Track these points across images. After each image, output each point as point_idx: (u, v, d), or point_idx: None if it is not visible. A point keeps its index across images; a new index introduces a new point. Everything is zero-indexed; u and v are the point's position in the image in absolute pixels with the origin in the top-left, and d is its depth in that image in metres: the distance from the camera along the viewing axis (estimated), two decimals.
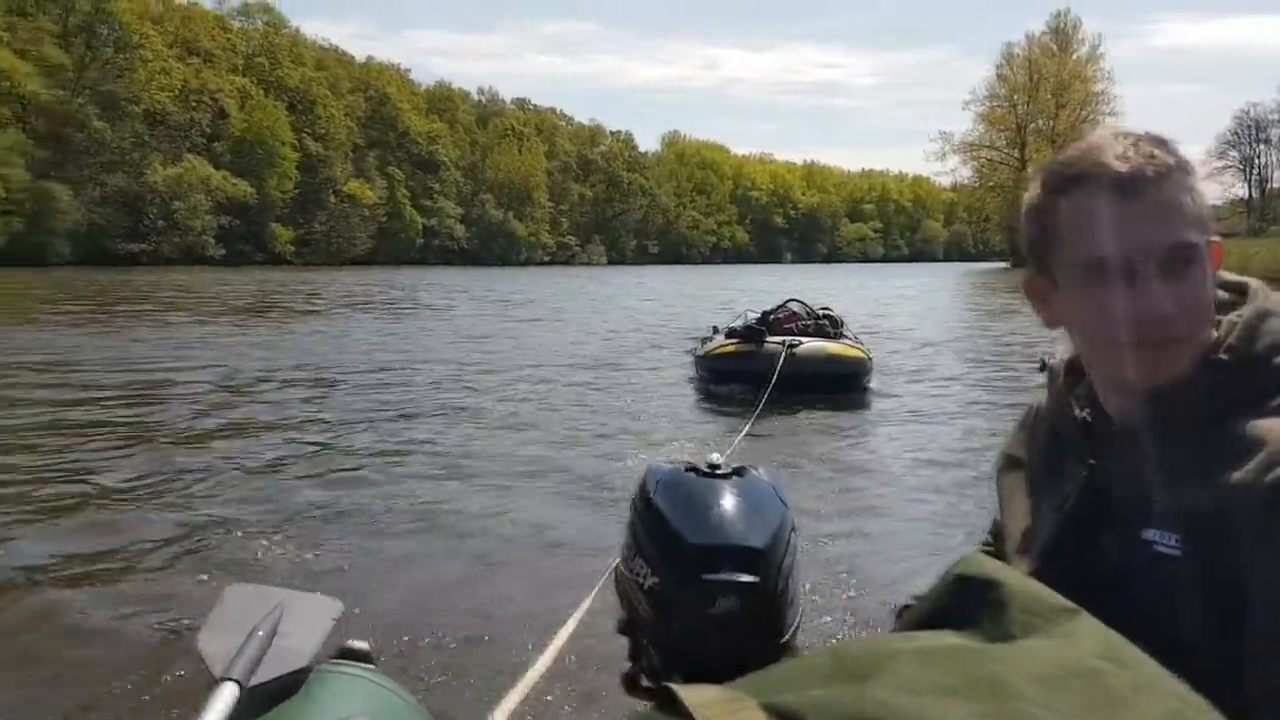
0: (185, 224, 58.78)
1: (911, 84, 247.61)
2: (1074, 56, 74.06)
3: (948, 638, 0.63)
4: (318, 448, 6.96)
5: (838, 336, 10.21)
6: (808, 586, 3.54)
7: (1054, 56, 73.29)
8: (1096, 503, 1.03)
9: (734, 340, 9.79)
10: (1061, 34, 75.11)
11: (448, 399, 9.51)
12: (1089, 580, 0.89)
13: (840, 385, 9.41)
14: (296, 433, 7.48)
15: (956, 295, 36.42)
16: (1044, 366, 1.16)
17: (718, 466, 1.56)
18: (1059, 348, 1.15)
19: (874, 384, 10.05)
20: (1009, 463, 1.20)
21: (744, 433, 6.74)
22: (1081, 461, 1.06)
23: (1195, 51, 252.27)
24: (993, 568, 0.70)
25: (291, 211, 67.46)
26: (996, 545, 1.25)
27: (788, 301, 10.72)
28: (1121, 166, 0.97)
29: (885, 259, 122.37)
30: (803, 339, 9.60)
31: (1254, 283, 1.05)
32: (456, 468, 6.36)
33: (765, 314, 10.35)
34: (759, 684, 0.59)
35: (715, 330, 10.85)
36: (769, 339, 9.54)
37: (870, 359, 9.99)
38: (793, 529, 1.51)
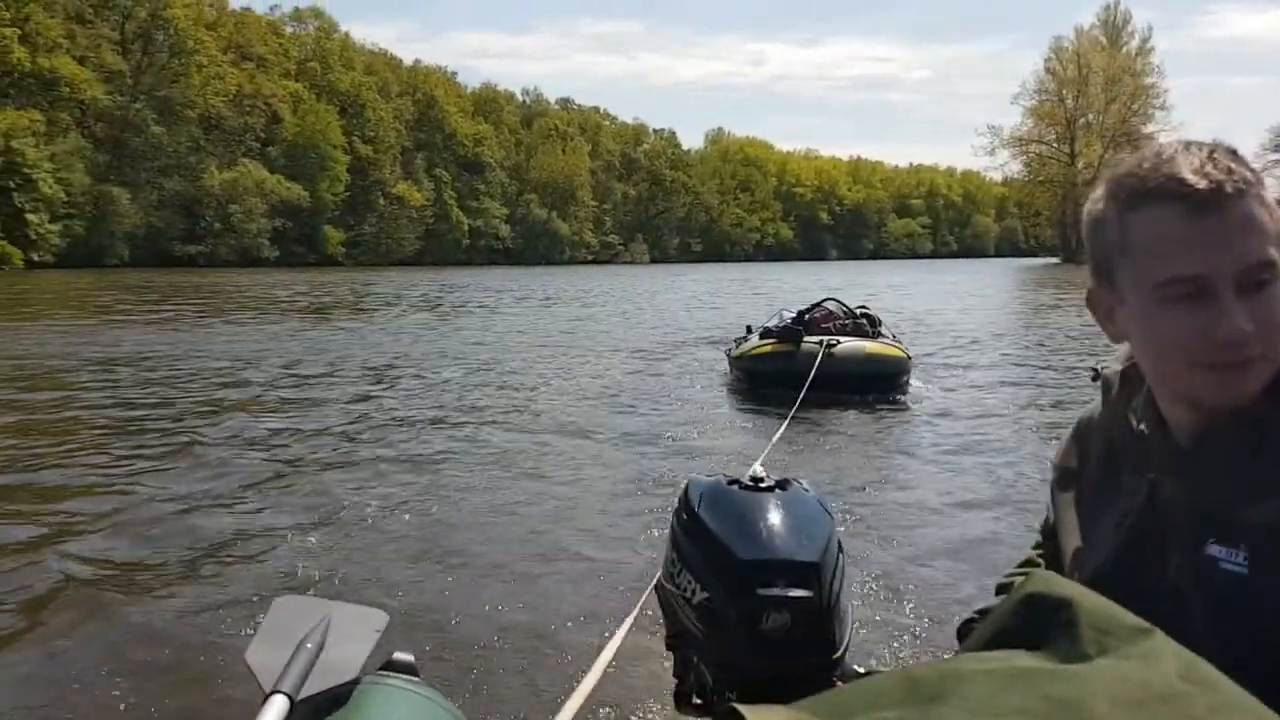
0: (241, 227, 60.14)
1: (964, 77, 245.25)
2: (1124, 50, 73.00)
3: (1020, 659, 0.61)
4: (351, 449, 7.09)
5: (876, 336, 10.02)
6: (857, 602, 3.53)
7: (1103, 50, 72.29)
8: (1158, 518, 1.01)
9: (770, 340, 9.65)
10: (1111, 27, 74.12)
11: (490, 399, 9.64)
12: (1150, 597, 0.86)
13: (880, 385, 9.27)
14: (332, 438, 7.59)
15: (1002, 291, 36.02)
16: (1097, 376, 1.14)
17: (761, 479, 1.55)
18: (1112, 358, 1.14)
19: (915, 384, 9.89)
20: (1063, 475, 1.19)
21: (778, 435, 6.57)
22: (1141, 475, 1.04)
23: (1251, 42, 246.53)
24: (1062, 585, 0.68)
25: (342, 214, 68.67)
26: (1047, 548, 1.25)
27: (824, 300, 10.56)
28: (1199, 183, 0.94)
29: (934, 255, 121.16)
30: (841, 338, 9.42)
31: None
32: (497, 470, 6.38)
33: (801, 313, 10.18)
34: (828, 705, 0.57)
35: (750, 330, 10.72)
36: (806, 339, 9.36)
37: (910, 358, 9.83)
38: (840, 544, 1.50)
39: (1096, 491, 1.10)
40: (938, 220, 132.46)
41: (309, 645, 1.17)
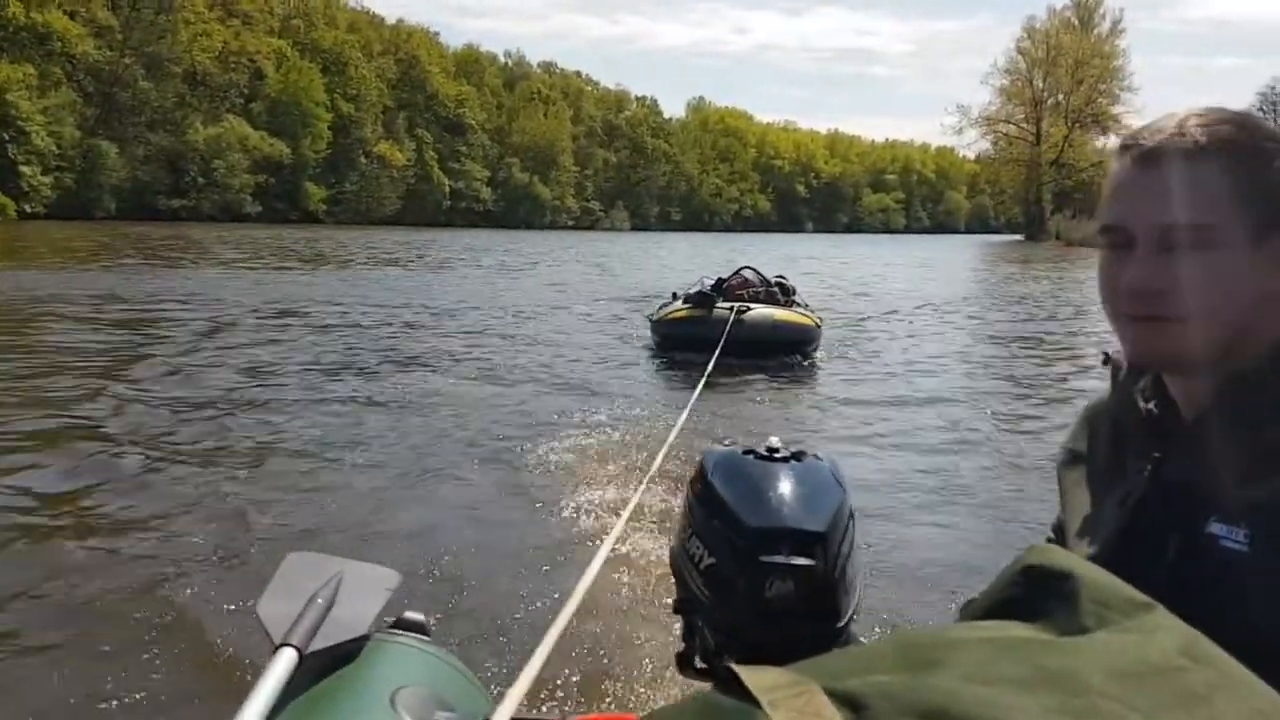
0: (224, 182, 61.31)
1: (950, 52, 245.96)
2: (1095, 32, 74.88)
3: (1016, 629, 0.61)
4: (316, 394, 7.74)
5: (788, 304, 10.61)
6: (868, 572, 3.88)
7: (1074, 31, 74.16)
8: (1160, 497, 1.00)
9: (687, 305, 10.17)
10: (1083, 9, 75.87)
11: (463, 352, 10.35)
12: (1152, 576, 0.84)
13: (786, 350, 9.82)
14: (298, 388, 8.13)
15: (955, 264, 37.62)
16: (1107, 359, 1.12)
17: (776, 450, 1.57)
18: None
19: (822, 351, 10.53)
20: (1071, 457, 1.18)
21: (694, 396, 6.65)
22: (1145, 456, 1.03)
23: (1232, 23, 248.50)
24: (1063, 558, 0.67)
25: (324, 171, 69.80)
26: (1059, 541, 1.21)
27: (742, 269, 11.23)
28: (1150, 139, 0.96)
29: (907, 230, 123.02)
30: (752, 305, 9.93)
31: None
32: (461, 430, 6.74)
33: (720, 280, 10.76)
34: (822, 668, 0.57)
35: (675, 296, 11.16)
36: (720, 305, 9.86)
37: (819, 325, 10.38)
38: (851, 515, 1.52)
39: (1103, 474, 1.10)
40: (911, 195, 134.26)
41: (319, 600, 1.18)
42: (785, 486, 1.49)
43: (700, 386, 6.81)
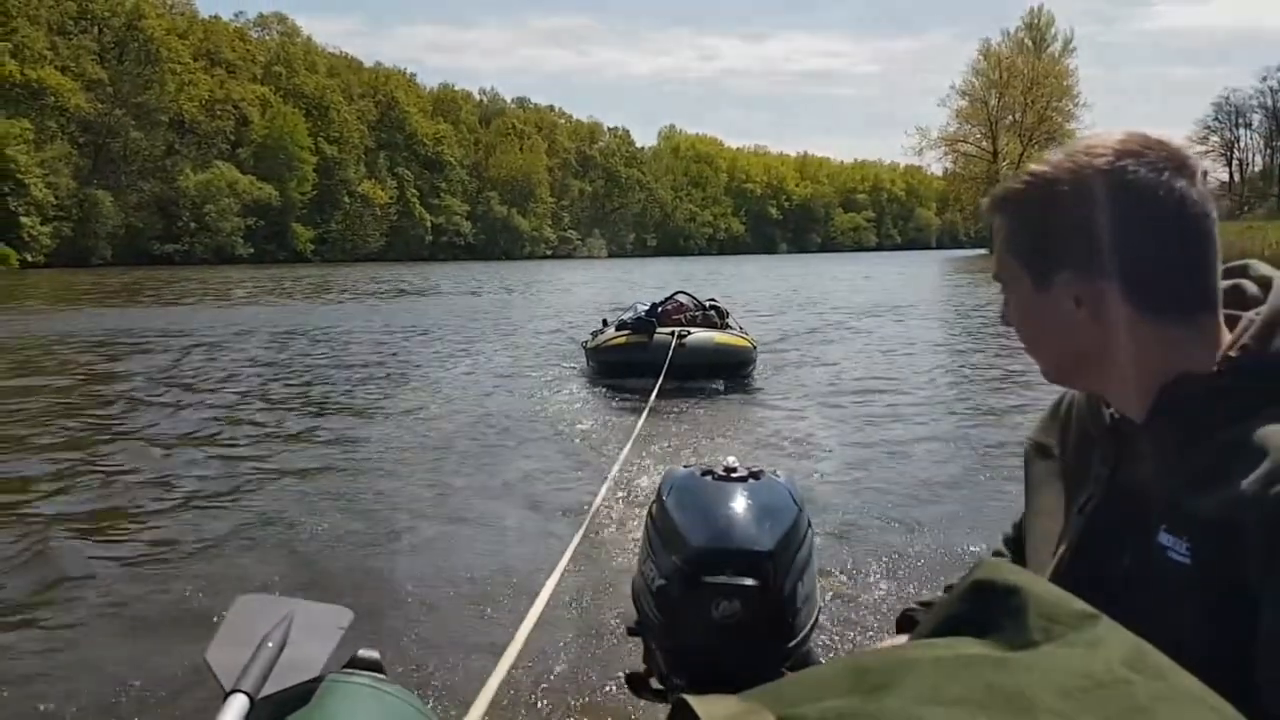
0: (215, 225, 63.64)
1: (913, 71, 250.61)
2: (1047, 52, 78.30)
3: (966, 646, 0.61)
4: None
5: (724, 327, 10.53)
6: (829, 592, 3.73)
7: (1026, 53, 77.53)
8: (1117, 504, 1.02)
9: (624, 332, 9.93)
10: (1035, 30, 79.37)
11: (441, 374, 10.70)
12: (1106, 584, 0.90)
13: (727, 372, 9.77)
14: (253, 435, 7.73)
15: (913, 279, 38.91)
16: None
17: (734, 469, 1.56)
18: None
19: (760, 370, 10.49)
20: (1038, 450, 1.19)
21: (641, 421, 6.60)
22: (1105, 463, 1.05)
23: (1191, 34, 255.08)
24: (1011, 572, 0.67)
25: (310, 212, 72.13)
26: (1019, 536, 1.27)
27: (676, 293, 11.06)
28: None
29: (879, 248, 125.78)
30: (691, 329, 9.83)
31: (1277, 277, 1.02)
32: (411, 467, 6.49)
33: (654, 305, 10.60)
34: (775, 694, 0.57)
35: (605, 323, 10.98)
36: (659, 330, 9.70)
37: (755, 347, 10.35)
38: (808, 532, 1.51)
39: (1071, 473, 1.11)
40: (882, 214, 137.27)
41: (270, 643, 1.16)
42: (737, 506, 1.49)
43: (646, 412, 6.86)
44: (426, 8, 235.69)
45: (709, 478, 1.57)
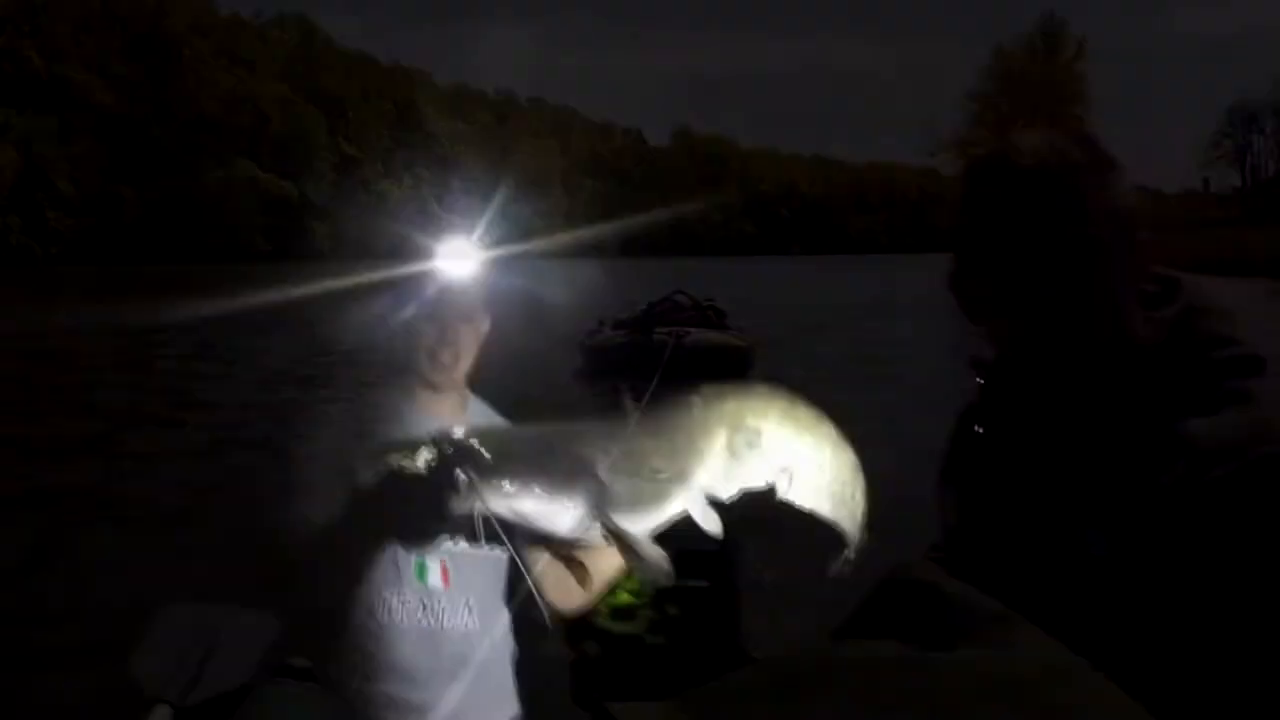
0: (235, 222, 64.48)
1: (928, 73, 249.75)
2: (1061, 56, 78.59)
3: (886, 648, 0.61)
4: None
5: (721, 327, 10.71)
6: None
7: (1039, 57, 77.84)
8: (1050, 499, 1.01)
9: (622, 331, 10.19)
10: (1049, 36, 79.66)
11: None
12: (1038, 580, 0.90)
13: (725, 372, 9.42)
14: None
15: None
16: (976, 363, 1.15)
17: None
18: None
19: (759, 371, 10.44)
20: (958, 457, 1.17)
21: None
22: (1030, 459, 1.04)
23: (1210, 37, 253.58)
24: (929, 573, 0.68)
25: (328, 209, 72.77)
26: (949, 546, 1.23)
27: (675, 294, 11.26)
28: None
29: (892, 249, 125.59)
30: (689, 330, 9.98)
31: (1184, 278, 1.04)
32: None
33: (652, 305, 10.84)
34: (700, 702, 0.57)
35: (601, 323, 11.11)
36: (658, 330, 9.88)
37: (752, 348, 10.57)
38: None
39: (991, 475, 1.10)
40: (895, 216, 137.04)
41: (195, 652, 1.15)
42: None
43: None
44: (429, 6, 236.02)
45: None
